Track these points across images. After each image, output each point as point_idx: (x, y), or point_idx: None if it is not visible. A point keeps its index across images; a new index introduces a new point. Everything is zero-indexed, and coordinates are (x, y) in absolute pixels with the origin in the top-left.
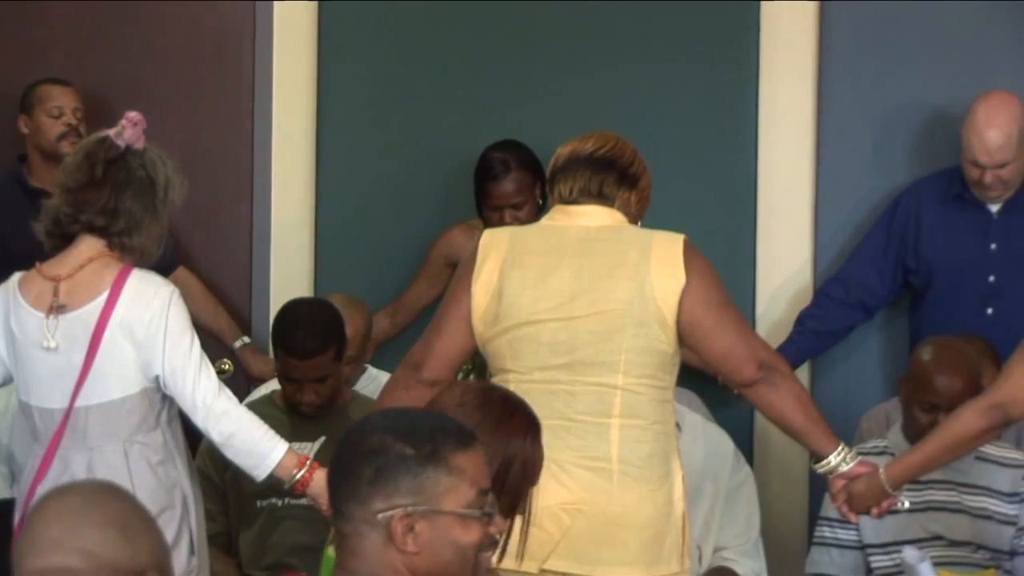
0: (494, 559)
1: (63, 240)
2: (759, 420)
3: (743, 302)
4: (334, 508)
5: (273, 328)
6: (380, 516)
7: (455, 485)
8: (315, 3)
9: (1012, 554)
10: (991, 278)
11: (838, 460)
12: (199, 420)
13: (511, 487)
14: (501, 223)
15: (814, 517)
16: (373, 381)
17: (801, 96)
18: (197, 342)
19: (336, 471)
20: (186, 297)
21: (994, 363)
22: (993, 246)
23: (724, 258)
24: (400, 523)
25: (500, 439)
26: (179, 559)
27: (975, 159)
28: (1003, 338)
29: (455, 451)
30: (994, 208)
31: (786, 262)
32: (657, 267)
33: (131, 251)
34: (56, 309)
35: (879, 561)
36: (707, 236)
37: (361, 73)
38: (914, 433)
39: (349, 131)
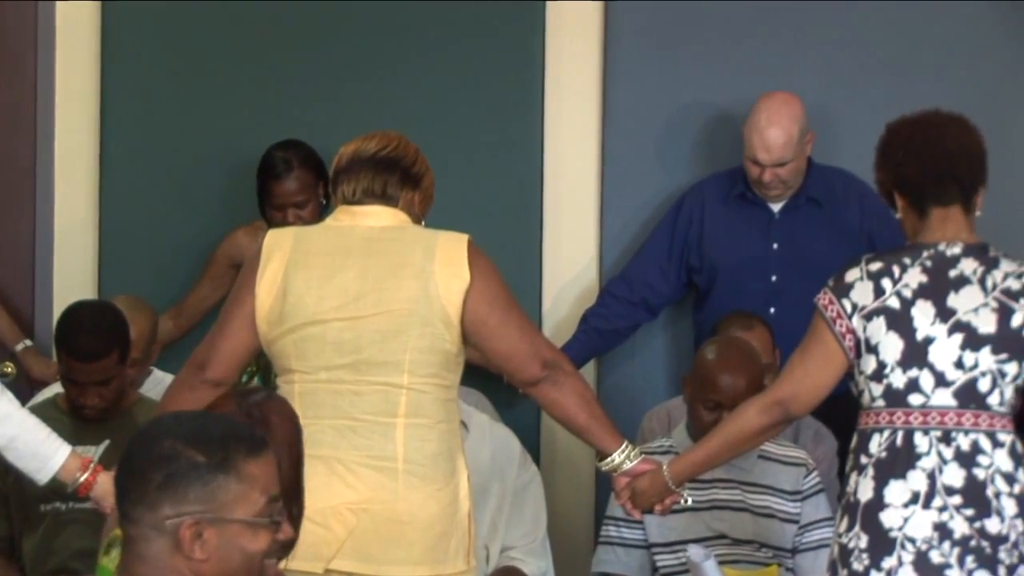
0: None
1: None
2: (545, 420)
3: (529, 301)
4: (121, 511)
5: (56, 331)
6: (168, 523)
7: (245, 493)
8: (98, 3)
9: (794, 551)
10: (773, 278)
11: (622, 458)
12: None
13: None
14: (284, 223)
15: (600, 516)
16: (158, 384)
17: (586, 96)
18: None
19: (125, 475)
20: None
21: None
22: (775, 245)
23: (510, 257)
24: (188, 530)
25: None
26: None
27: (755, 157)
28: (785, 337)
29: (246, 459)
30: (776, 207)
31: (571, 261)
32: (441, 267)
33: None
34: None
35: (664, 560)
36: (493, 235)
37: (145, 73)
38: (698, 432)
39: (133, 132)
